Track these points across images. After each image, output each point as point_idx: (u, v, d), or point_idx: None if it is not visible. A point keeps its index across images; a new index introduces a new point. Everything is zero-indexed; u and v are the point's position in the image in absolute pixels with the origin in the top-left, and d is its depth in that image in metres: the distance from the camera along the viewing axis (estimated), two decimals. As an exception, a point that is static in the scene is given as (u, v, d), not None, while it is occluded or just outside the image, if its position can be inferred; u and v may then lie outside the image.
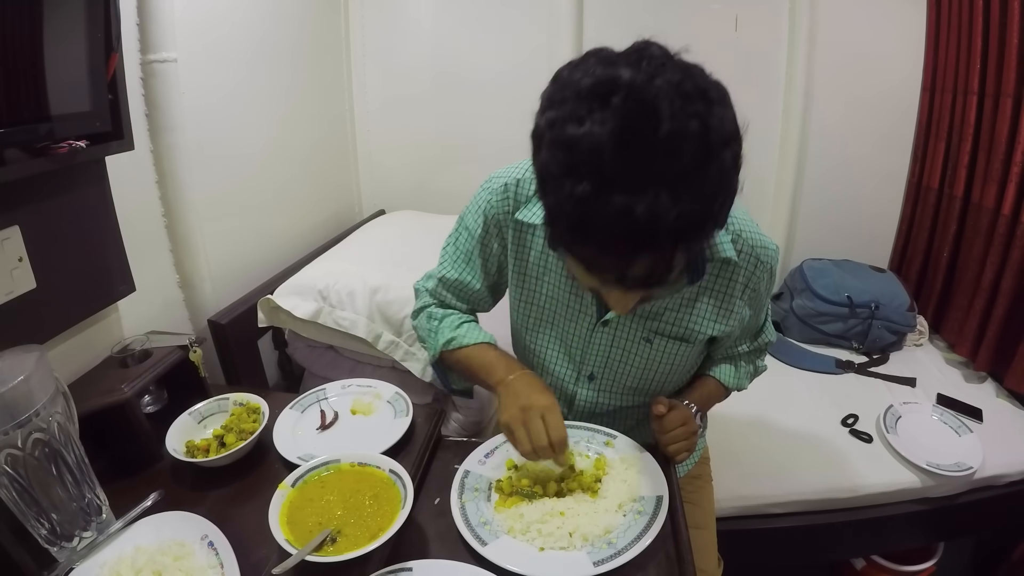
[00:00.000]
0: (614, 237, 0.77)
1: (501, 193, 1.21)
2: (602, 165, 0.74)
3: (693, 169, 0.74)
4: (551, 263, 1.22)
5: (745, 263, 1.15)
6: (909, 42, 2.59)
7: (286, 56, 2.18)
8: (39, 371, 0.89)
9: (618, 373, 1.28)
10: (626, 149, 0.73)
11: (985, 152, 2.27)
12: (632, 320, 1.21)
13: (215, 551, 0.97)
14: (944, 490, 1.88)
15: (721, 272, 1.16)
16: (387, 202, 2.88)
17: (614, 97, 0.74)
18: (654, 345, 1.23)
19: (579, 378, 1.32)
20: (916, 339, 2.58)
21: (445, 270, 1.33)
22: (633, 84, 0.74)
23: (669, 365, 1.26)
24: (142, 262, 1.50)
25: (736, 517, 1.87)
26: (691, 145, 0.73)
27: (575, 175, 0.76)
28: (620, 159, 0.73)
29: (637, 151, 0.73)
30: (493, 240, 1.26)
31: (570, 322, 1.26)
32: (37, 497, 0.91)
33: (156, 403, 1.40)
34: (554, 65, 0.85)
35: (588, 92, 0.76)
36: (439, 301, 1.37)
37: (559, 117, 0.78)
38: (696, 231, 0.79)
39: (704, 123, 0.74)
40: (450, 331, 1.30)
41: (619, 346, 1.25)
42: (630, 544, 0.99)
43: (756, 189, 2.79)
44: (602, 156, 0.73)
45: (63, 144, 1.12)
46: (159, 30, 1.53)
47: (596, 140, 0.73)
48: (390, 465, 1.08)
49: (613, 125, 0.73)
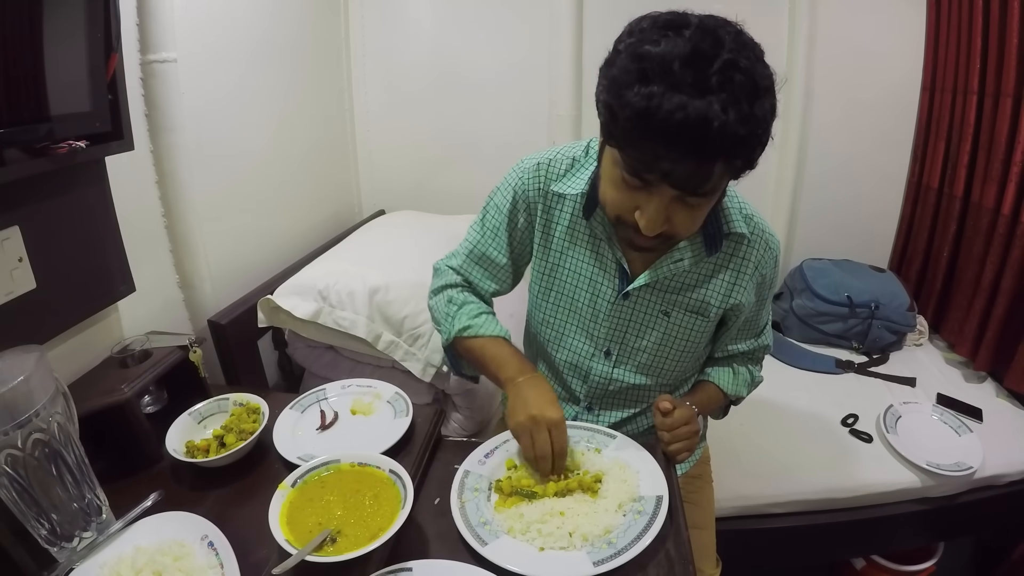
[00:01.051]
0: (670, 130, 0.87)
1: (533, 171, 1.29)
2: (671, 74, 0.86)
3: (741, 95, 0.86)
4: (578, 236, 1.28)
5: (757, 243, 1.24)
6: (909, 41, 2.59)
7: (286, 56, 2.18)
8: (39, 371, 0.89)
9: (634, 349, 1.32)
10: (692, 65, 0.85)
11: (985, 152, 2.27)
12: (652, 293, 1.26)
13: (215, 551, 0.97)
14: (944, 490, 1.88)
15: (736, 250, 1.24)
16: (387, 202, 2.88)
17: (686, 29, 0.88)
18: (671, 318, 1.27)
19: (595, 353, 1.34)
20: (916, 339, 2.59)
21: (473, 243, 1.38)
22: (702, 24, 0.90)
23: (684, 341, 1.30)
24: (142, 262, 1.50)
25: (736, 517, 1.87)
26: (742, 77, 0.87)
27: (645, 79, 0.87)
28: (686, 71, 0.85)
29: (700, 67, 0.85)
30: (520, 215, 1.32)
31: (591, 295, 1.30)
32: (37, 497, 0.91)
33: (156, 403, 1.41)
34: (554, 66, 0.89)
35: (665, 23, 0.91)
36: (463, 278, 1.40)
37: (637, 40, 0.92)
38: (734, 145, 0.89)
39: (753, 65, 0.89)
40: (468, 319, 1.32)
41: (637, 320, 1.29)
42: (630, 544, 0.99)
43: (756, 188, 2.78)
44: (671, 66, 0.86)
45: (63, 144, 1.12)
46: (159, 30, 1.53)
47: (669, 55, 0.86)
48: (390, 465, 1.07)
49: (684, 47, 0.86)
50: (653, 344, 1.30)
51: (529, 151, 1.33)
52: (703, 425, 1.53)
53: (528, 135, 2.69)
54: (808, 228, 2.88)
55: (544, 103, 2.62)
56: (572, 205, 1.27)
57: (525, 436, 1.15)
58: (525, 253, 1.38)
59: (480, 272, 1.39)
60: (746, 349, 1.41)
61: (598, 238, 1.25)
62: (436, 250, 2.09)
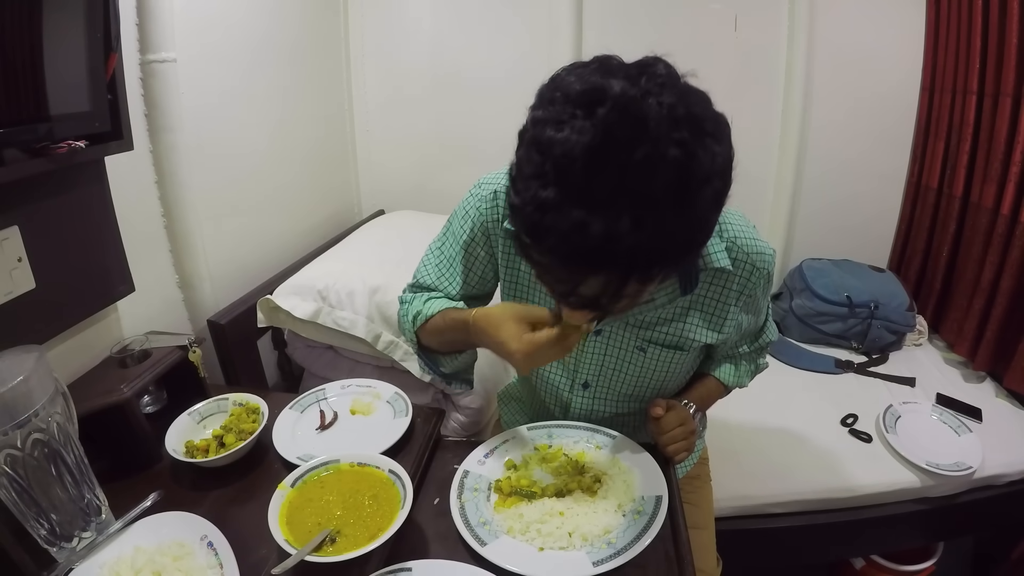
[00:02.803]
0: (566, 251, 0.75)
1: (491, 200, 1.17)
2: (570, 175, 0.72)
3: (664, 199, 0.72)
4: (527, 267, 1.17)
5: (740, 271, 1.13)
6: (908, 42, 2.59)
7: (285, 56, 2.18)
8: (38, 371, 0.89)
9: (612, 381, 1.28)
10: (598, 164, 0.71)
11: (984, 152, 2.27)
12: (625, 330, 1.20)
13: (215, 551, 0.97)
14: (943, 490, 1.88)
15: (715, 281, 1.15)
16: (386, 202, 2.88)
17: (600, 108, 0.72)
18: (648, 353, 1.22)
19: (574, 386, 1.32)
20: (915, 339, 2.58)
21: (420, 275, 1.30)
22: (623, 98, 0.72)
23: (664, 372, 1.26)
24: (141, 262, 1.50)
25: (736, 517, 1.87)
26: (667, 174, 0.71)
27: (543, 179, 0.74)
28: (589, 173, 0.71)
29: (609, 168, 0.71)
30: (480, 248, 1.23)
31: None
32: (36, 497, 0.91)
33: (155, 403, 1.41)
34: (553, 65, 0.84)
35: (576, 97, 0.74)
36: None
37: (543, 118, 0.76)
38: (653, 263, 0.77)
39: (688, 153, 0.71)
40: (419, 305, 1.25)
41: (612, 355, 1.24)
42: (629, 544, 0.99)
43: (755, 189, 2.79)
44: (573, 165, 0.72)
45: (62, 144, 1.12)
46: (158, 30, 1.53)
47: (570, 148, 0.71)
48: (389, 465, 1.08)
49: (591, 137, 0.71)
50: (632, 377, 1.26)
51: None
52: (702, 423, 1.51)
53: (525, 136, 2.67)
54: (807, 228, 2.88)
55: (544, 103, 2.60)
56: None
57: (538, 358, 1.02)
58: (487, 281, 1.29)
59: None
60: (749, 350, 1.38)
61: None
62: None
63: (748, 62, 2.59)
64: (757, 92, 2.64)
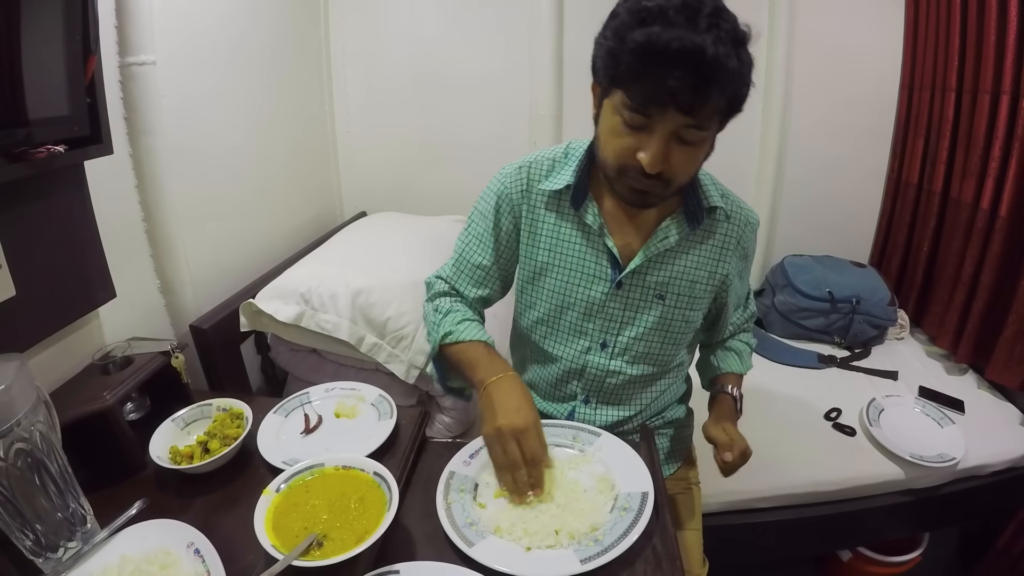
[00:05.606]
0: (669, 54, 0.95)
1: (516, 173, 1.32)
2: (667, 18, 0.96)
3: (727, 38, 0.97)
4: (567, 232, 1.30)
5: (737, 219, 1.30)
6: (888, 40, 2.62)
7: (265, 57, 2.17)
8: (20, 380, 0.88)
9: (631, 338, 1.34)
10: (684, 12, 0.96)
11: (963, 148, 2.30)
12: (644, 279, 1.29)
13: (201, 558, 0.96)
14: (928, 481, 1.90)
15: (717, 226, 1.29)
16: (368, 204, 2.88)
17: None
18: (666, 301, 1.31)
19: (592, 346, 1.36)
20: (897, 333, 2.61)
21: (459, 252, 1.40)
22: None
23: (680, 323, 1.33)
24: (122, 267, 1.49)
25: (722, 512, 1.88)
26: (727, 24, 0.98)
27: (644, 24, 0.98)
28: (679, 16, 0.96)
29: (691, 14, 0.96)
30: (504, 219, 1.34)
31: (585, 289, 1.31)
32: (21, 508, 0.90)
33: (139, 410, 1.40)
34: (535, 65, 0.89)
35: None
36: (451, 287, 1.41)
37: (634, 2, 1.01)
38: (726, 74, 0.98)
39: (734, 20, 1.00)
40: (451, 325, 1.31)
41: (632, 307, 1.31)
42: (617, 541, 0.99)
43: (737, 186, 2.76)
44: (667, 13, 0.96)
45: (41, 149, 1.11)
46: (137, 32, 1.52)
47: (664, 5, 0.97)
48: (375, 468, 1.07)
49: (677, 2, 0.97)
50: (648, 330, 1.32)
51: (511, 151, 1.33)
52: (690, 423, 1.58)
53: (509, 135, 2.70)
54: (789, 225, 2.90)
55: (525, 103, 2.62)
56: (557, 202, 1.29)
57: (494, 447, 1.13)
58: (513, 257, 1.39)
59: (467, 279, 1.39)
60: (740, 320, 1.52)
61: (588, 230, 1.27)
62: (418, 251, 2.09)
63: (729, 60, 2.59)
64: (738, 90, 2.64)
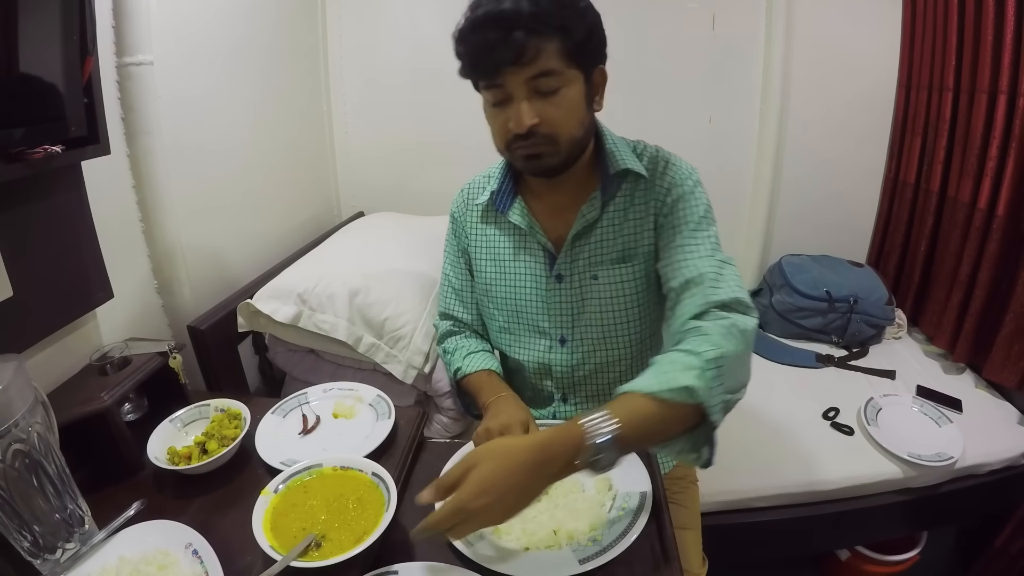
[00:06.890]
0: (478, 24, 1.08)
1: (458, 196, 1.48)
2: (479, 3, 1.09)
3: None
4: (503, 240, 1.39)
5: (657, 170, 1.26)
6: (885, 39, 2.62)
7: (263, 57, 2.17)
8: (17, 381, 0.88)
9: (584, 326, 1.35)
10: None
11: (961, 147, 2.30)
12: (579, 266, 1.31)
13: (200, 559, 0.96)
14: (926, 480, 1.90)
15: (636, 188, 1.27)
16: (365, 204, 2.88)
17: None
18: (600, 279, 1.30)
19: (552, 344, 1.38)
20: (895, 332, 2.61)
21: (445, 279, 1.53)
22: None
23: (622, 296, 1.30)
24: (120, 268, 1.49)
25: (720, 512, 1.88)
26: None
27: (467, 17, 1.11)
28: None
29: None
30: (461, 239, 1.47)
31: (531, 288, 1.36)
32: (19, 509, 0.90)
33: (136, 411, 1.40)
34: None
35: None
36: (451, 318, 1.52)
37: None
38: (528, 18, 1.05)
39: None
40: (459, 361, 1.44)
41: (576, 296, 1.33)
42: (615, 541, 1.00)
43: (734, 186, 2.81)
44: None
45: (38, 149, 1.11)
46: (135, 32, 1.52)
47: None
48: (373, 468, 1.07)
49: None
50: (596, 312, 1.33)
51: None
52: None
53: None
54: (787, 224, 2.90)
55: (523, 102, 2.59)
56: (491, 214, 1.39)
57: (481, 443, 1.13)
58: None
59: (457, 304, 1.51)
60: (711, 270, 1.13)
61: (520, 232, 1.34)
62: (415, 251, 2.09)
63: (726, 61, 2.60)
64: (735, 90, 2.66)
